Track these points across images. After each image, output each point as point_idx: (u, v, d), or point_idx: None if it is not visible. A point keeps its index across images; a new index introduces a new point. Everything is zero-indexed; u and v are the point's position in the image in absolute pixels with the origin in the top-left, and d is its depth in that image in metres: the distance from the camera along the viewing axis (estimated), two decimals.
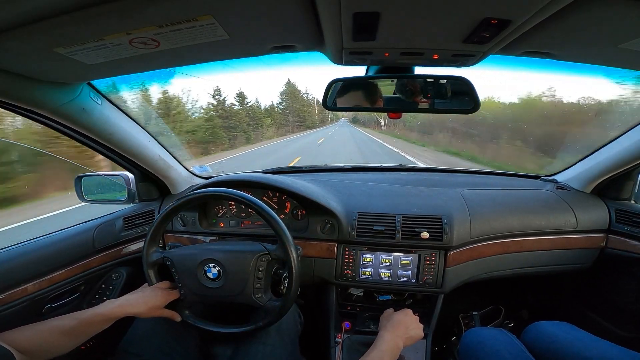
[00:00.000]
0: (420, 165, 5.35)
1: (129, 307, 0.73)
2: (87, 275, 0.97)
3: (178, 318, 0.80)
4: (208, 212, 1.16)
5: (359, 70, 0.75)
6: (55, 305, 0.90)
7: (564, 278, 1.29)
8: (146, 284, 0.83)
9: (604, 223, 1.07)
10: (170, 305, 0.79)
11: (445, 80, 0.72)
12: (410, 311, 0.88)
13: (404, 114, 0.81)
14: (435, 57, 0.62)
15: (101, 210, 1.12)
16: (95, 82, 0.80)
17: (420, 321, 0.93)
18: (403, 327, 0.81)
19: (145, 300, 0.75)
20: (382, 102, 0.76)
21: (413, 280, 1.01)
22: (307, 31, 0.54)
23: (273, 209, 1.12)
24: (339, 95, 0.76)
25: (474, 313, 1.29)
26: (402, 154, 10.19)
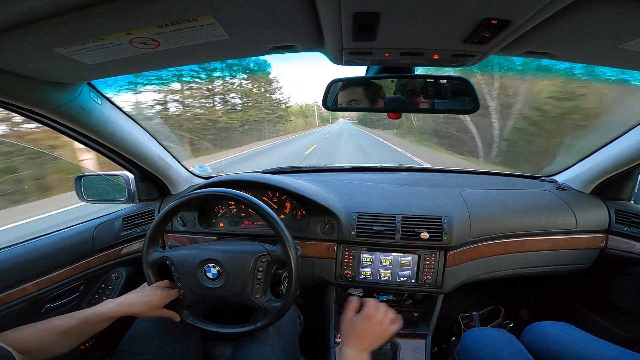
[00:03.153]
0: (420, 165, 5.34)
1: (129, 306, 0.73)
2: (87, 275, 0.97)
3: (177, 318, 0.80)
4: (208, 212, 1.16)
5: (359, 70, 0.75)
6: (55, 305, 0.90)
7: (564, 278, 1.29)
8: (145, 283, 0.83)
9: (604, 223, 1.07)
10: (169, 305, 0.79)
11: (445, 81, 0.72)
12: (374, 304, 0.71)
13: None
14: (435, 57, 0.62)
15: (101, 209, 1.12)
16: (95, 82, 0.80)
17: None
18: (369, 338, 0.67)
19: (145, 299, 0.76)
20: (382, 102, 0.76)
21: (413, 281, 1.01)
22: (307, 31, 0.54)
23: (273, 209, 1.12)
24: (338, 95, 0.76)
25: (473, 313, 1.29)
26: None
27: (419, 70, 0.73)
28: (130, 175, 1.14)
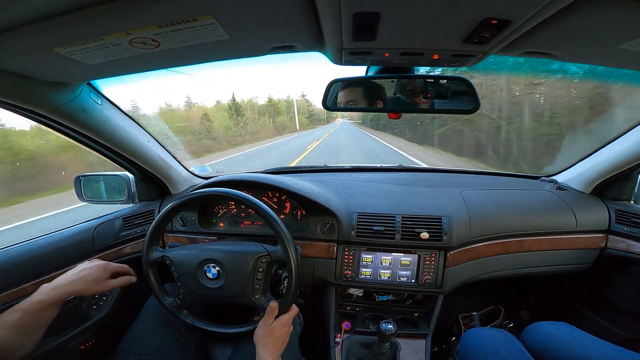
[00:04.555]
0: (420, 165, 5.30)
1: (67, 286, 0.68)
2: None
3: (134, 279, 0.79)
4: (208, 212, 1.16)
5: (359, 70, 0.75)
6: None
7: (564, 278, 1.29)
8: (81, 264, 0.77)
9: (604, 223, 1.07)
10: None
11: (446, 81, 0.72)
12: (293, 310, 0.79)
13: None
14: (435, 57, 0.62)
15: (101, 210, 1.12)
16: (95, 82, 0.80)
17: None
18: (284, 343, 0.74)
19: (80, 275, 0.70)
20: (382, 103, 0.76)
21: (413, 281, 1.01)
22: (307, 31, 0.54)
23: (273, 209, 1.12)
24: (338, 95, 0.76)
25: (473, 313, 1.29)
26: None
27: (419, 71, 0.73)
28: (130, 176, 1.14)
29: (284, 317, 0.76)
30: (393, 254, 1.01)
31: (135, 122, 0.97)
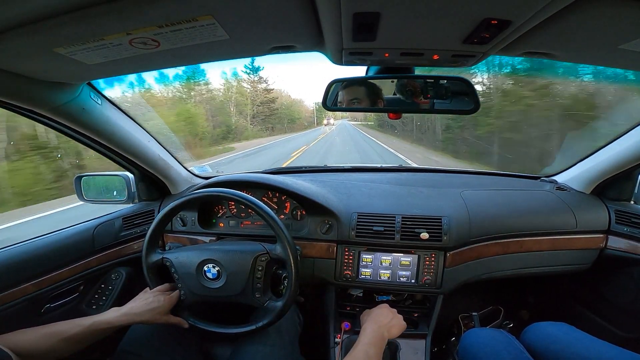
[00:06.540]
0: (420, 165, 5.28)
1: (135, 315, 0.74)
2: (87, 275, 0.97)
3: (185, 325, 0.80)
4: (208, 212, 1.16)
5: (359, 71, 0.76)
6: (55, 305, 0.90)
7: (564, 279, 1.29)
8: (147, 288, 0.83)
9: (604, 224, 1.07)
10: (174, 310, 0.79)
11: (445, 81, 0.72)
12: (387, 305, 0.85)
13: None
14: (435, 57, 0.62)
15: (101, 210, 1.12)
16: (95, 82, 0.80)
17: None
18: (384, 318, 0.77)
19: (150, 307, 0.76)
20: (382, 103, 0.76)
21: (412, 281, 1.01)
22: (307, 31, 0.54)
23: (273, 209, 1.12)
24: (338, 95, 0.76)
25: (473, 314, 1.29)
26: None
27: (419, 71, 0.73)
28: (130, 175, 1.14)
29: (381, 305, 0.82)
30: (393, 254, 1.01)
31: (135, 122, 0.97)
